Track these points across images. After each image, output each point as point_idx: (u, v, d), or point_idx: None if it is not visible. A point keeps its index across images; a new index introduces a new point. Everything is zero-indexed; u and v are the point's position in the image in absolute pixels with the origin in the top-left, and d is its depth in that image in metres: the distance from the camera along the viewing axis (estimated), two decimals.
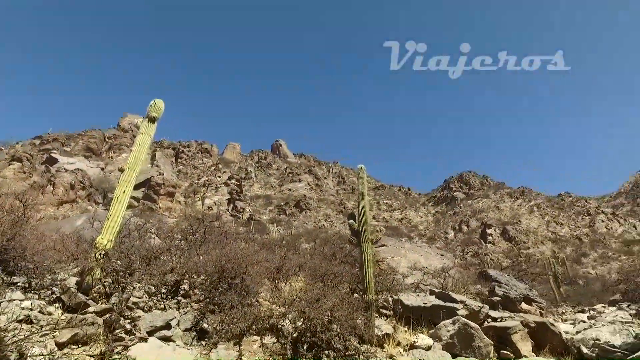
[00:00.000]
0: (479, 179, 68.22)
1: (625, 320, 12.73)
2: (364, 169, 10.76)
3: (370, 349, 8.12)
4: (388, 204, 64.03)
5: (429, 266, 19.04)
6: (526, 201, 57.86)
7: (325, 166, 79.17)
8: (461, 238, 49.40)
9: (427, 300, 11.79)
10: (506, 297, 13.06)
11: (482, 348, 9.71)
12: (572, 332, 13.01)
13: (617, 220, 49.33)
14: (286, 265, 12.31)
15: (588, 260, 40.07)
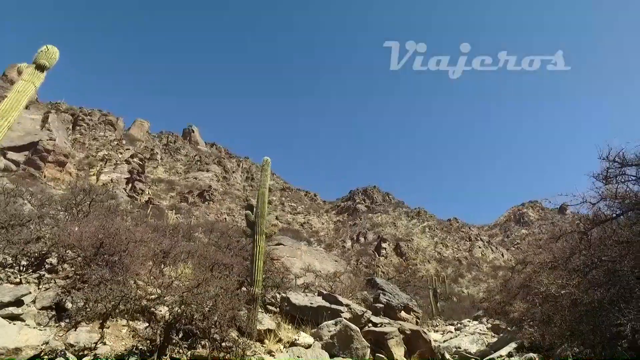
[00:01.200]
0: (381, 195, 71.74)
1: (482, 332, 14.09)
2: (269, 162, 10.53)
3: (248, 343, 7.86)
4: (292, 207, 64.46)
5: (323, 270, 19.35)
6: (420, 221, 62.14)
7: (236, 160, 77.46)
8: (357, 248, 51.39)
9: (314, 301, 11.88)
10: (388, 305, 13.68)
11: (360, 350, 9.98)
12: (440, 341, 14.08)
13: (490, 248, 55.17)
14: (175, 251, 11.59)
15: (463, 281, 44.09)
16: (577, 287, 6.34)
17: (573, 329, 6.24)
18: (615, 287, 5.32)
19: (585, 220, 6.93)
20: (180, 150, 72.04)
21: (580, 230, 6.80)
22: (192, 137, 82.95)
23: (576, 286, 6.16)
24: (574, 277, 6.36)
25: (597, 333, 5.24)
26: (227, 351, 7.11)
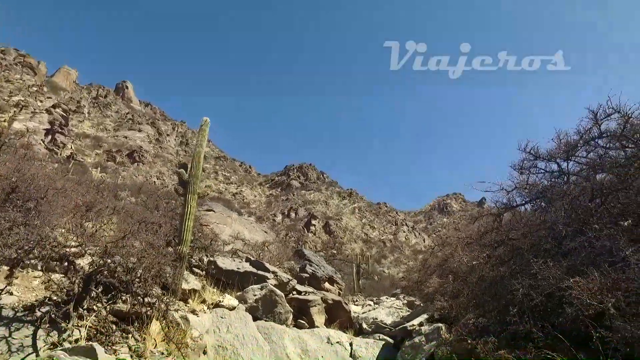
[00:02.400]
0: (316, 173, 72.58)
1: (398, 307, 15.10)
2: (208, 122, 10.23)
3: (172, 300, 7.78)
4: (226, 177, 63.31)
5: (252, 239, 19.40)
6: (351, 202, 63.97)
7: (172, 123, 74.01)
8: (288, 223, 51.92)
9: (242, 266, 11.97)
10: (314, 275, 14.10)
11: (283, 314, 10.28)
12: (359, 312, 14.85)
13: (414, 233, 58.42)
14: (100, 206, 11.02)
15: (386, 262, 46.40)
16: (486, 261, 7.04)
17: (477, 300, 6.92)
18: (516, 262, 5.98)
19: (499, 205, 7.66)
20: (111, 106, 67.33)
21: (494, 213, 7.52)
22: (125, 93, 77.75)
23: (486, 260, 6.85)
24: (485, 251, 7.06)
25: (495, 301, 5.88)
26: (150, 307, 6.98)
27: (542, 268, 4.85)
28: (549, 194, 6.91)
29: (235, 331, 8.28)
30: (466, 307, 7.55)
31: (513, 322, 4.99)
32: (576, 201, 6.55)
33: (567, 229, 5.70)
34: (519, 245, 6.33)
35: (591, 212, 6.10)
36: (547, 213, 6.61)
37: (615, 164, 6.03)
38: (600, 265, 4.36)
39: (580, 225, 5.79)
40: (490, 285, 6.34)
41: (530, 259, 5.28)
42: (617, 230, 4.97)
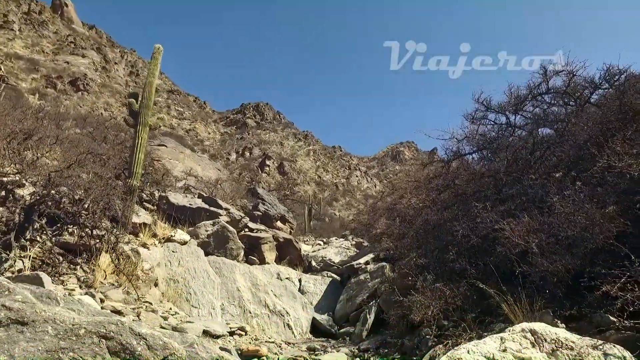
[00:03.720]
0: (273, 113, 71.21)
1: (346, 247, 15.80)
2: (161, 50, 9.61)
3: (122, 233, 7.69)
4: (179, 112, 60.76)
5: (205, 176, 19.19)
6: (306, 144, 63.98)
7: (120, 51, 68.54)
8: (242, 162, 51.45)
9: (194, 202, 11.92)
10: (266, 214, 14.34)
11: (234, 250, 10.49)
12: (309, 251, 15.43)
13: (366, 178, 59.96)
14: (40, 134, 10.33)
15: (337, 204, 47.69)
16: (432, 205, 7.47)
17: (420, 241, 7.39)
18: (459, 207, 6.40)
19: (449, 153, 8.01)
20: (48, 25, 60.97)
21: (444, 160, 7.87)
22: (64, 12, 70.38)
23: (432, 203, 7.28)
24: (431, 195, 7.48)
25: (437, 242, 6.34)
26: (99, 239, 6.86)
27: (481, 212, 5.24)
28: (495, 145, 7.29)
29: (186, 265, 8.40)
30: (410, 248, 8.04)
31: (451, 260, 5.44)
32: (519, 153, 6.98)
33: (507, 178, 6.11)
34: (463, 190, 6.74)
35: (530, 163, 6.54)
36: (491, 162, 7.01)
37: (556, 120, 6.40)
38: (531, 211, 4.78)
39: (519, 174, 6.21)
40: (433, 227, 6.77)
41: (472, 203, 5.66)
42: (549, 180, 5.40)
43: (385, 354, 5.43)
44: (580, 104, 6.68)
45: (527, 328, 3.11)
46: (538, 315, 4.00)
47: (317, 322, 9.15)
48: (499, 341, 3.03)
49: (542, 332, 3.04)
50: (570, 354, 2.88)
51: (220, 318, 7.49)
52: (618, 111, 5.31)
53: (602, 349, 2.99)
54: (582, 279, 3.83)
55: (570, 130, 5.89)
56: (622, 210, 4.39)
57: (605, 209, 4.62)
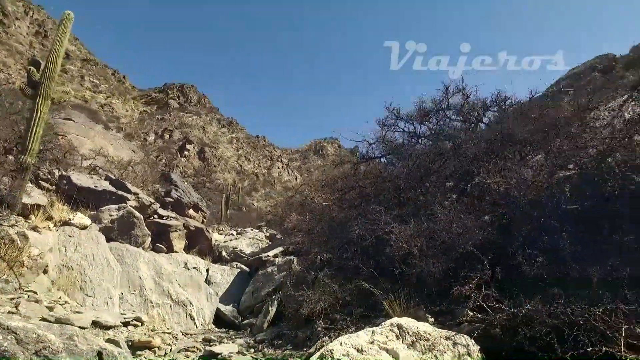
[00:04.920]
0: (198, 96, 68.56)
1: (259, 239, 15.94)
2: (72, 17, 8.81)
3: (6, 214, 7.07)
4: (94, 84, 56.05)
5: (116, 157, 18.10)
6: (230, 131, 62.66)
7: (23, 4, 61.24)
8: (160, 144, 49.05)
9: (100, 185, 11.28)
10: (179, 201, 13.96)
11: (140, 237, 10.13)
12: (221, 241, 15.31)
13: (287, 170, 60.30)
14: None
15: (256, 195, 47.45)
16: (339, 204, 7.86)
17: (326, 238, 7.75)
18: (362, 208, 6.83)
19: (359, 155, 8.48)
20: None
21: (354, 161, 8.32)
22: None
23: (337, 202, 7.67)
24: (336, 194, 7.88)
25: (340, 239, 6.72)
26: None
27: (377, 214, 5.68)
28: (401, 151, 7.87)
29: (84, 251, 7.95)
30: (317, 243, 8.38)
31: (348, 258, 5.82)
32: (422, 161, 7.61)
33: (406, 183, 6.64)
34: (366, 192, 7.20)
35: (429, 171, 7.17)
36: (395, 168, 7.56)
37: (453, 135, 7.09)
38: (419, 216, 5.29)
39: (418, 181, 6.79)
40: (337, 225, 7.15)
41: (371, 205, 6.09)
42: (439, 189, 6.00)
43: (279, 345, 5.68)
44: (474, 122, 7.46)
45: (395, 323, 3.51)
46: (413, 311, 4.48)
47: (221, 313, 9.19)
48: (370, 334, 3.38)
49: (406, 326, 3.46)
50: (426, 344, 3.33)
51: (117, 308, 7.22)
52: (499, 133, 6.06)
53: (452, 339, 3.50)
54: (452, 279, 4.37)
55: (463, 146, 6.55)
56: (493, 220, 5.05)
57: (481, 218, 5.27)
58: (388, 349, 3.18)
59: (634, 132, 4.60)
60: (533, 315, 3.37)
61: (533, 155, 6.07)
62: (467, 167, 6.00)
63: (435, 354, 3.26)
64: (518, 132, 5.93)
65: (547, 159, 5.18)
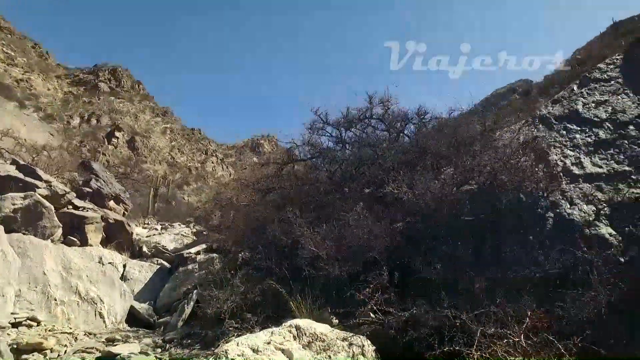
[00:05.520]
0: (132, 81, 64.85)
1: (185, 235, 15.53)
2: None
3: None
4: (9, 56, 50.87)
5: (30, 140, 16.71)
6: (164, 122, 60.02)
7: None
8: (85, 129, 45.85)
9: (3, 169, 10.37)
10: (98, 192, 13.19)
11: (48, 229, 9.48)
12: (143, 235, 14.69)
13: (222, 165, 59.07)
14: None
15: (188, 189, 45.98)
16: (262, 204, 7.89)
17: (247, 237, 7.74)
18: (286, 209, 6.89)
19: (284, 156, 8.58)
20: None
21: (279, 162, 8.38)
22: None
23: (259, 202, 7.70)
24: (258, 194, 7.92)
25: (260, 239, 6.76)
26: None
27: (293, 217, 5.79)
28: (326, 155, 8.06)
29: None
30: (239, 242, 8.34)
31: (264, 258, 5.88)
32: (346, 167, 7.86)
33: (326, 188, 6.83)
34: (287, 194, 7.31)
35: (352, 177, 7.42)
36: (319, 171, 7.73)
37: (375, 143, 7.39)
38: (332, 221, 5.48)
39: (339, 186, 7.01)
40: (259, 225, 7.18)
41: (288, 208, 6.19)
42: (358, 195, 6.24)
43: (188, 344, 5.59)
44: (397, 133, 7.83)
45: (294, 324, 3.62)
46: (319, 313, 4.64)
47: (136, 311, 8.83)
48: (269, 334, 3.46)
49: (304, 327, 3.58)
50: (321, 345, 3.47)
51: (10, 307, 6.63)
52: (416, 146, 6.43)
53: (349, 340, 3.69)
54: (358, 283, 4.58)
55: (383, 155, 6.85)
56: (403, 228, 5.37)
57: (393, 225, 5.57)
58: (284, 350, 3.28)
59: (522, 154, 5.12)
60: (419, 318, 3.63)
61: (447, 168, 6.50)
62: (383, 176, 6.27)
63: (329, 354, 3.41)
64: (433, 146, 6.32)
65: (455, 174, 5.57)
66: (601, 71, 5.71)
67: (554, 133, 5.46)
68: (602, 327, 3.29)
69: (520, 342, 3.04)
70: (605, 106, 5.24)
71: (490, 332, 3.23)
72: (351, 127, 8.28)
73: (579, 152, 4.97)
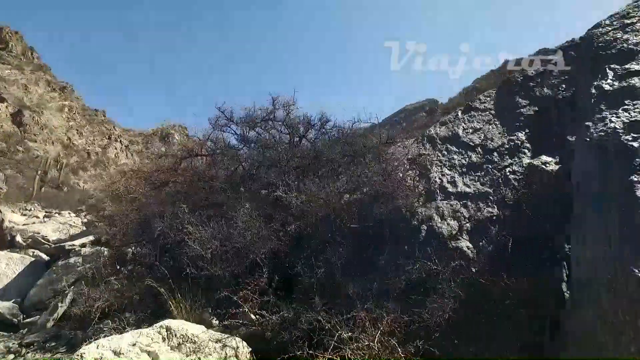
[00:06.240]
0: (23, 47, 57.52)
1: (73, 225, 14.30)
2: None
3: None
4: None
5: None
6: (62, 98, 54.41)
7: None
8: None
9: None
10: None
11: None
12: (19, 223, 13.23)
13: (126, 153, 55.27)
14: None
15: (85, 174, 42.30)
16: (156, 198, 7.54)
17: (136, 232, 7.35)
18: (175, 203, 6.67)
19: (183, 151, 8.32)
20: None
21: (178, 156, 8.09)
22: None
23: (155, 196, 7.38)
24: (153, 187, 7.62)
25: (146, 234, 6.47)
26: None
27: (182, 213, 5.65)
28: (227, 153, 7.95)
29: None
30: (128, 236, 7.87)
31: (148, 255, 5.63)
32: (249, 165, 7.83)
33: (223, 185, 6.74)
34: (182, 189, 7.10)
35: (251, 177, 7.40)
36: (218, 168, 7.59)
37: (276, 144, 7.47)
38: (223, 219, 5.44)
39: (236, 185, 6.95)
40: (148, 220, 6.84)
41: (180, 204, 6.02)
42: (252, 195, 6.27)
43: (52, 347, 5.13)
44: (300, 137, 7.98)
45: (165, 325, 3.53)
46: (199, 313, 4.57)
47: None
48: (137, 336, 3.33)
49: (175, 328, 3.51)
50: (192, 347, 3.43)
51: None
52: (313, 152, 6.63)
53: (223, 342, 3.69)
54: (241, 284, 4.59)
55: (281, 158, 6.94)
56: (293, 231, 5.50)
57: (286, 227, 5.68)
58: (150, 351, 3.17)
59: (408, 169, 5.56)
60: (293, 321, 3.75)
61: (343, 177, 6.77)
62: (278, 179, 6.35)
63: (199, 356, 3.37)
64: (328, 154, 6.56)
65: (346, 183, 5.84)
66: (480, 101, 6.37)
67: (437, 152, 5.96)
68: (450, 331, 3.69)
69: (371, 345, 3.30)
70: (479, 133, 5.85)
71: (347, 335, 3.46)
72: (255, 127, 8.25)
73: (455, 172, 5.49)
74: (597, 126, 3.53)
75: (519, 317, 3.64)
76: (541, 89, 5.84)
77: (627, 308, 2.72)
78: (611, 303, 2.86)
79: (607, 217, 3.11)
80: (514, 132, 5.54)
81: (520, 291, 3.66)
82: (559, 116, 5.25)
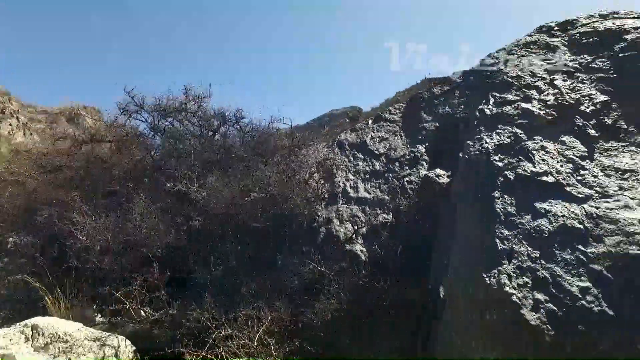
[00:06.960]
0: None
1: None
2: None
3: None
4: None
5: None
6: None
7: None
8: None
9: None
10: None
11: None
12: None
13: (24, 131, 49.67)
14: None
15: None
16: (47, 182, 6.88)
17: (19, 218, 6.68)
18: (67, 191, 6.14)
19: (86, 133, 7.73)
20: None
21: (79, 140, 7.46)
22: None
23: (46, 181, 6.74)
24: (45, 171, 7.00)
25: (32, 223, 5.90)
26: None
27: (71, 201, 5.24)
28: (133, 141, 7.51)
29: None
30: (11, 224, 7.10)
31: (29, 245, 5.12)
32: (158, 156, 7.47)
33: (126, 175, 6.37)
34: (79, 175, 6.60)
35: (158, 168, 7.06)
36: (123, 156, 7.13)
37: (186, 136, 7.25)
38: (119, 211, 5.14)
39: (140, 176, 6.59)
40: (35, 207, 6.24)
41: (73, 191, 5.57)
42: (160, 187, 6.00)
43: None
44: (213, 132, 7.77)
45: (30, 323, 3.23)
46: (81, 310, 4.24)
47: None
48: None
49: (43, 327, 3.23)
50: (63, 346, 3.18)
51: None
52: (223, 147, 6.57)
53: (102, 340, 3.47)
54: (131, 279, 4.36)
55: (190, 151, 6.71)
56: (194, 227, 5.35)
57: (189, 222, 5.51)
58: (5, 354, 2.87)
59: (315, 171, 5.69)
60: (180, 318, 3.64)
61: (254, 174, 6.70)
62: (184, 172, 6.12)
63: (70, 357, 3.13)
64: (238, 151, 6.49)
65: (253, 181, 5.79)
66: (390, 113, 6.71)
67: (344, 157, 6.18)
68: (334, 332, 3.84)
69: (248, 344, 3.33)
70: (385, 143, 6.16)
71: (226, 334, 3.45)
72: (167, 117, 7.89)
73: (358, 177, 5.72)
74: (475, 145, 3.94)
75: (399, 319, 3.88)
76: (443, 107, 6.29)
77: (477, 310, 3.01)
78: (465, 306, 3.16)
79: (473, 228, 3.47)
80: (416, 144, 5.90)
81: (403, 295, 3.90)
82: (455, 133, 5.71)
